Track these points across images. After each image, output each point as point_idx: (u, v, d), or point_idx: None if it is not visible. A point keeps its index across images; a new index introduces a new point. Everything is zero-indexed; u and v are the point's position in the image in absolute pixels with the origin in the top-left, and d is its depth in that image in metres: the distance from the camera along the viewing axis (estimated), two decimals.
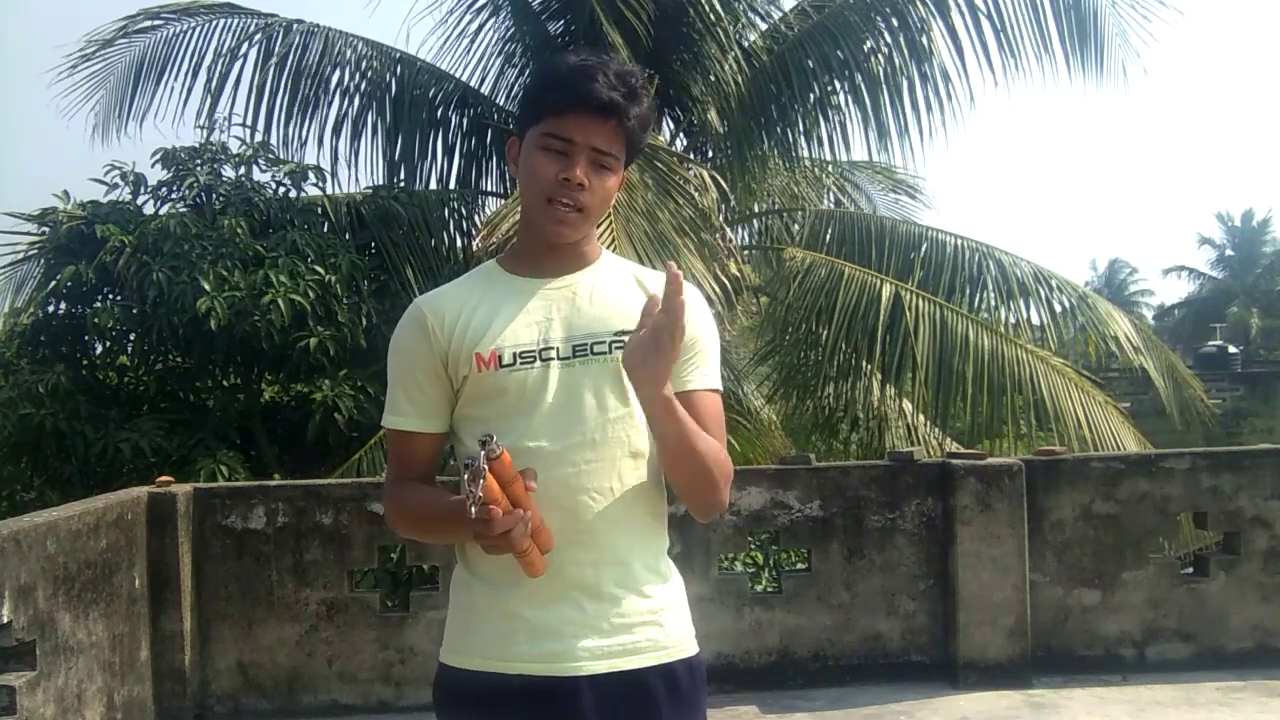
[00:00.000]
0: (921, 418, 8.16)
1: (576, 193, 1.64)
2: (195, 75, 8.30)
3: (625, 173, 1.77)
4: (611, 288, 1.74)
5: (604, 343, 1.68)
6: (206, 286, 6.38)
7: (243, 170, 7.48)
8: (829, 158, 9.84)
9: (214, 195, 7.25)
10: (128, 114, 8.41)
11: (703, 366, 1.74)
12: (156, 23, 8.31)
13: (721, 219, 8.20)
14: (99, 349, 7.51)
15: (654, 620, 1.69)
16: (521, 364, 1.67)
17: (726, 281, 7.28)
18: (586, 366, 1.67)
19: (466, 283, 1.79)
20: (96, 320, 6.66)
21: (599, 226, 6.24)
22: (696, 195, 7.53)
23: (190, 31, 8.36)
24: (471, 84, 9.00)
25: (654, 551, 1.74)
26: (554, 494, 1.60)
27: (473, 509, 1.45)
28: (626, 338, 1.64)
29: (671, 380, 1.67)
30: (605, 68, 1.66)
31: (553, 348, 1.68)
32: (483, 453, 1.46)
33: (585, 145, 1.64)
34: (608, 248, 7.18)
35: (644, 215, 6.75)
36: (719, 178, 8.21)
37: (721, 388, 1.79)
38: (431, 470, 1.78)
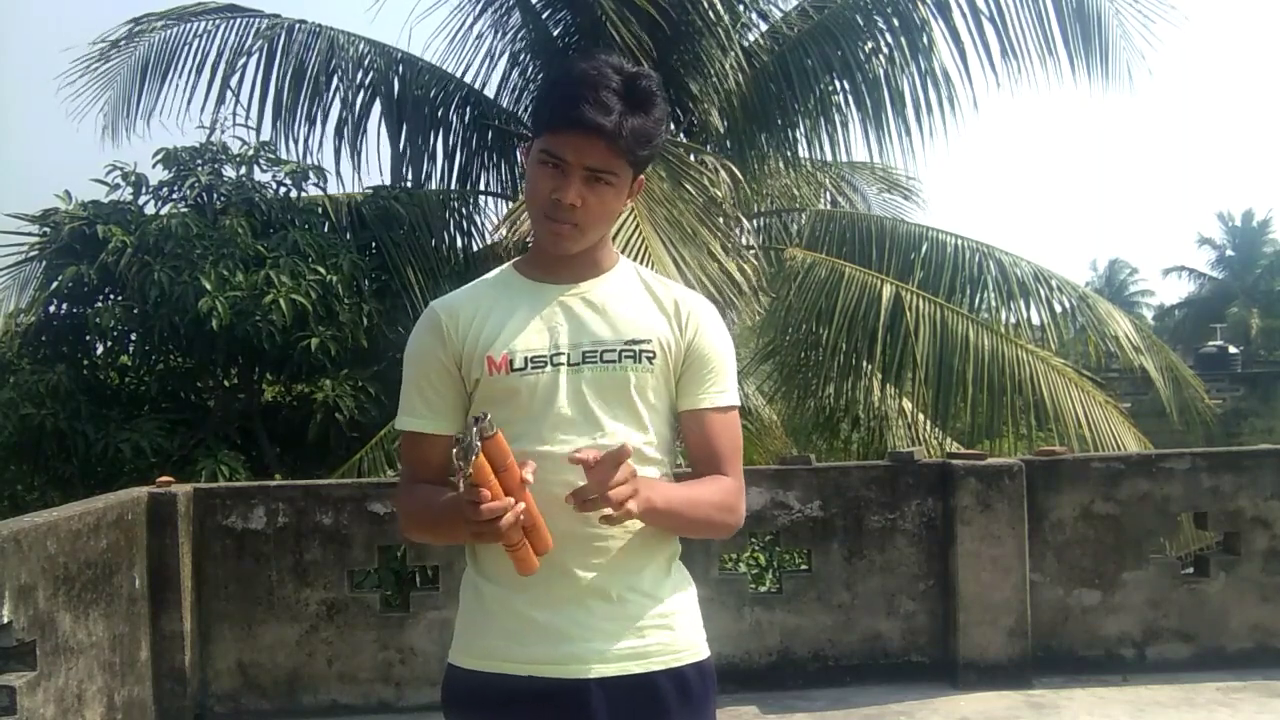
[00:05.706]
0: (922, 417, 8.16)
1: (569, 213, 1.64)
2: (199, 74, 8.33)
3: (642, 177, 1.74)
4: (623, 296, 1.74)
5: (614, 351, 1.68)
6: (208, 286, 6.39)
7: (244, 170, 7.49)
8: (829, 158, 9.85)
9: (215, 195, 7.26)
10: (135, 114, 8.45)
11: (717, 384, 1.75)
12: (162, 24, 8.32)
13: (734, 209, 8.20)
14: (100, 349, 7.52)
15: (665, 624, 1.69)
16: (532, 368, 1.67)
17: (747, 270, 7.27)
18: (596, 373, 1.67)
19: (482, 286, 1.79)
20: (98, 320, 6.67)
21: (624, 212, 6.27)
22: (709, 185, 7.55)
23: (195, 33, 8.38)
24: (473, 84, 9.02)
25: (666, 556, 1.74)
26: (565, 498, 1.59)
27: (461, 484, 1.41)
28: (637, 348, 1.67)
29: (684, 397, 1.72)
30: (604, 82, 1.60)
31: (562, 353, 1.68)
32: (475, 429, 1.41)
33: (578, 165, 1.62)
34: (632, 233, 7.00)
35: (661, 203, 6.81)
36: (731, 165, 8.19)
37: (738, 402, 1.78)
38: (444, 473, 1.76)
